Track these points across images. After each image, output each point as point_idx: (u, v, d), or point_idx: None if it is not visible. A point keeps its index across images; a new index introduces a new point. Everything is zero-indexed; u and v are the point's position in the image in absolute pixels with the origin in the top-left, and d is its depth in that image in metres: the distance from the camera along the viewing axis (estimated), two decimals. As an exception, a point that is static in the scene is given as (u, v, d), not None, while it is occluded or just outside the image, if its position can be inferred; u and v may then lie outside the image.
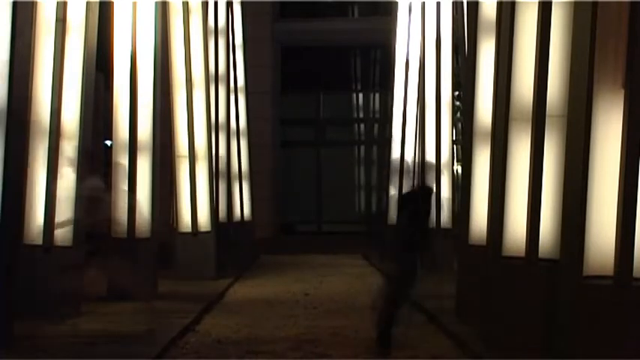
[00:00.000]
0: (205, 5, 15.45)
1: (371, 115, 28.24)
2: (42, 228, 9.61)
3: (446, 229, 16.63)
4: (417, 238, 8.47)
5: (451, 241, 14.16)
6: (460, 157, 16.76)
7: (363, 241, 21.06)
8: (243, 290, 13.79)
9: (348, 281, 15.19)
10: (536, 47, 7.83)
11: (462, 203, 10.50)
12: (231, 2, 19.27)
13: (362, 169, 28.09)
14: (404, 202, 10.07)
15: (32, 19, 8.82)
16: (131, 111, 11.69)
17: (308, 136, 27.83)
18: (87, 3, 9.81)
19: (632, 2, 6.83)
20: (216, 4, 17.78)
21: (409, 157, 18.94)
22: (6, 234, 7.82)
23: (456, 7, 16.28)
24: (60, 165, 9.69)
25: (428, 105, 17.17)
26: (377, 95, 27.94)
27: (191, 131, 14.36)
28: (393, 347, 8.44)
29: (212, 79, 16.28)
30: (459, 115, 18.81)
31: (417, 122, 18.76)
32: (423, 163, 17.36)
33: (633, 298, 6.89)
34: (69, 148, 9.71)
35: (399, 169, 18.99)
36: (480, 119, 9.95)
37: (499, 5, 8.81)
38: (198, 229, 14.39)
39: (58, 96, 9.68)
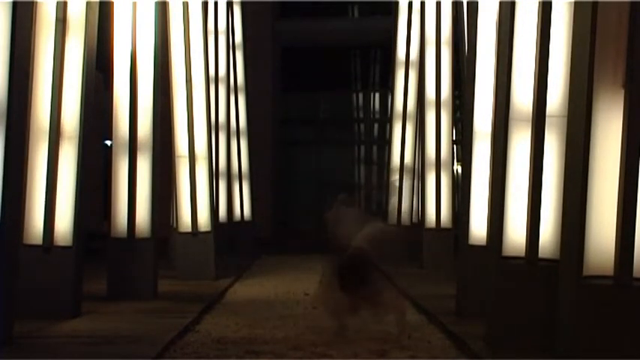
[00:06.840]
0: (205, 5, 15.45)
1: (371, 115, 28.24)
2: (42, 228, 9.62)
3: (445, 229, 16.67)
4: None
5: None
6: (460, 157, 16.78)
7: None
8: (244, 290, 13.78)
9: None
10: (536, 47, 7.83)
11: (462, 203, 10.50)
12: (231, 2, 19.31)
13: (362, 168, 28.09)
14: None
15: (32, 19, 8.80)
16: (131, 111, 11.68)
17: (308, 136, 27.83)
18: (87, 3, 9.79)
19: (632, 2, 6.83)
20: (216, 4, 17.82)
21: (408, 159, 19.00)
22: (6, 234, 7.81)
23: (456, 7, 16.29)
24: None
25: (428, 105, 17.19)
26: (377, 95, 27.95)
27: (191, 131, 14.35)
28: (390, 347, 8.44)
29: (212, 79, 16.29)
30: (458, 114, 18.83)
31: (417, 122, 18.79)
32: (423, 163, 17.37)
33: (633, 298, 6.89)
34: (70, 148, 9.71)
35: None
36: (479, 119, 9.96)
37: (499, 5, 8.80)
38: (198, 229, 14.38)
39: (58, 96, 9.66)
